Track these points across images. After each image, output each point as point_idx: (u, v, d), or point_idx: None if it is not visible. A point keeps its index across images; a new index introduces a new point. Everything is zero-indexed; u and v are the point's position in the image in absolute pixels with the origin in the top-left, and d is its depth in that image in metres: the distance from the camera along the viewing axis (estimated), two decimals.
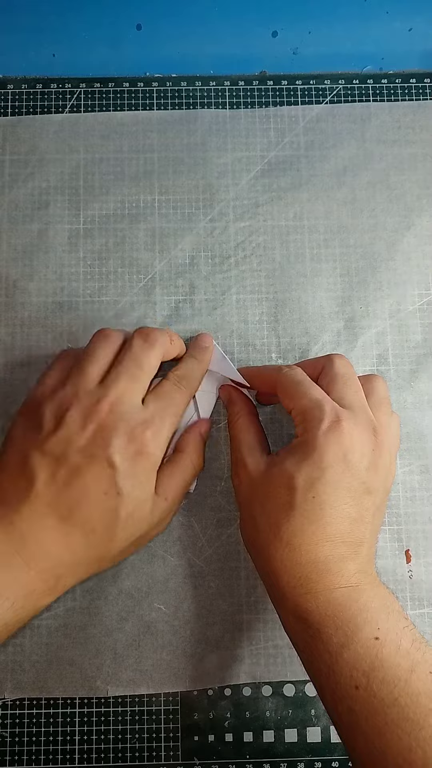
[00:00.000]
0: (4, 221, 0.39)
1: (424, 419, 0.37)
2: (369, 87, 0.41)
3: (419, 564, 0.36)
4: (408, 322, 0.38)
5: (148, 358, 0.32)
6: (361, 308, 0.39)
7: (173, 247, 0.39)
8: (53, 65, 0.41)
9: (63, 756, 0.34)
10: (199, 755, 0.34)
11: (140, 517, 0.31)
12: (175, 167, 0.40)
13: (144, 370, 0.32)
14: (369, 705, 0.26)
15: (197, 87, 0.41)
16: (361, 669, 0.26)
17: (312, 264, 0.39)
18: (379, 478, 0.30)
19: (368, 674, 0.26)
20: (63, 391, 0.31)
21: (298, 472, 0.29)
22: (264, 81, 0.41)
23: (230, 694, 0.35)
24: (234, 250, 0.39)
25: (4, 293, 0.38)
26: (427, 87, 0.41)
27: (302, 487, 0.29)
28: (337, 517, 0.29)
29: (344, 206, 0.40)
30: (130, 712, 0.35)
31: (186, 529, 0.36)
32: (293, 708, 0.35)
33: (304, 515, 0.28)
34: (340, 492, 0.29)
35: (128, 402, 0.31)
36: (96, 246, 0.39)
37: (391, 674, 0.26)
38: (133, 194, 0.40)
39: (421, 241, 0.39)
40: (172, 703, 0.35)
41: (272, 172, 0.40)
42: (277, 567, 0.29)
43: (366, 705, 0.26)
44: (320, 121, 0.41)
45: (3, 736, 0.34)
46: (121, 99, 0.41)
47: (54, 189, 0.40)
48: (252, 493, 0.31)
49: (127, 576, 0.35)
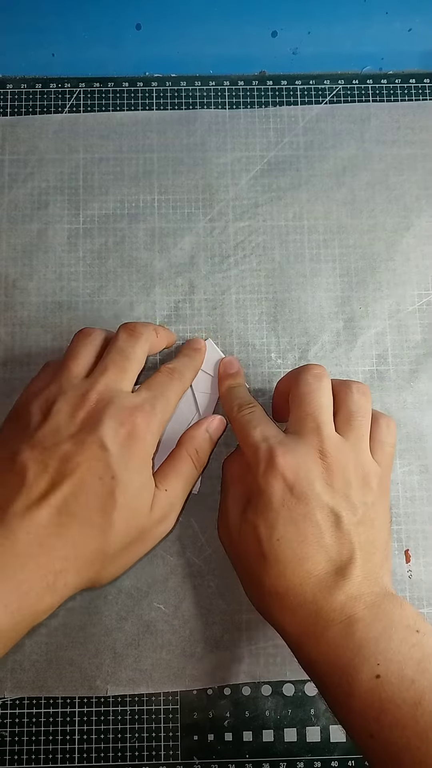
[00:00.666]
0: (4, 221, 0.39)
1: (423, 419, 0.37)
2: (369, 87, 0.41)
3: (419, 564, 0.36)
4: (407, 322, 0.39)
5: (134, 349, 0.32)
6: (360, 308, 0.39)
7: (173, 246, 0.39)
8: (53, 65, 0.41)
9: (63, 755, 0.34)
10: (199, 755, 0.34)
11: (138, 507, 0.29)
12: (175, 167, 0.40)
13: (131, 360, 0.31)
14: (385, 753, 0.25)
15: (197, 87, 0.41)
16: (370, 716, 0.25)
17: (311, 264, 0.39)
18: (341, 494, 0.29)
19: (378, 720, 0.25)
20: (48, 390, 0.31)
21: (258, 520, 0.29)
22: (264, 81, 0.41)
23: (230, 693, 0.35)
24: (233, 250, 0.39)
25: (4, 293, 0.38)
26: (427, 87, 0.41)
27: (265, 535, 0.28)
28: (310, 551, 0.28)
29: (344, 206, 0.40)
30: (129, 712, 0.35)
31: (186, 528, 0.36)
32: (293, 707, 0.35)
33: (277, 560, 0.28)
34: (303, 525, 0.28)
35: (117, 390, 0.30)
36: (95, 246, 0.39)
37: (399, 715, 0.24)
38: (132, 194, 0.40)
39: (421, 241, 0.39)
40: (172, 702, 0.35)
41: (272, 172, 0.40)
42: (276, 617, 0.29)
43: (383, 754, 0.25)
44: (320, 121, 0.41)
45: (3, 736, 0.34)
46: (120, 99, 0.41)
47: (53, 189, 0.40)
48: (234, 551, 0.32)
49: (126, 575, 0.35)
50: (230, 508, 0.32)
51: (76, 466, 0.28)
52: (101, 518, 0.28)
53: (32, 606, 0.26)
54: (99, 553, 0.28)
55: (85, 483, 0.28)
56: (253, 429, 0.31)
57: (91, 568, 0.28)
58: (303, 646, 0.28)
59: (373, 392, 0.38)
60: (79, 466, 0.28)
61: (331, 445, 0.30)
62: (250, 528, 0.29)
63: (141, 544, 0.30)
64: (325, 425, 0.30)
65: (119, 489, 0.28)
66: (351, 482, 0.30)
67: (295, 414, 0.31)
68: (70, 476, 0.28)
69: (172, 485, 0.31)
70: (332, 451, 0.30)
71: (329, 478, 0.29)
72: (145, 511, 0.30)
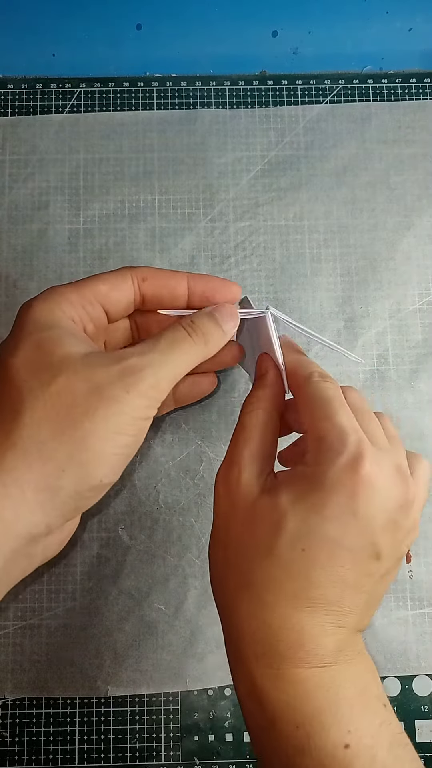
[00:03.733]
0: (4, 221, 0.39)
1: (424, 419, 0.37)
2: (369, 87, 0.41)
3: (419, 564, 0.36)
4: (408, 322, 0.38)
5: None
6: (361, 308, 0.39)
7: (173, 246, 0.39)
8: (53, 65, 0.41)
9: (63, 756, 0.34)
10: (199, 755, 0.34)
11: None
12: (175, 167, 0.40)
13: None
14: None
15: (197, 87, 0.41)
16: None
17: (312, 264, 0.39)
18: (396, 541, 0.24)
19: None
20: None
21: (291, 512, 0.23)
22: (264, 81, 0.41)
23: (230, 694, 0.35)
24: (234, 250, 0.39)
25: (4, 293, 0.38)
26: (427, 87, 0.41)
27: (292, 534, 0.23)
28: (327, 581, 0.23)
29: (344, 206, 0.40)
30: (130, 712, 0.35)
31: (186, 529, 0.36)
32: None
33: (286, 568, 0.23)
34: (339, 551, 0.23)
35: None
36: (96, 246, 0.39)
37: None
38: (133, 194, 0.40)
39: (421, 240, 0.39)
40: (172, 703, 0.35)
41: (272, 172, 0.40)
42: (239, 622, 0.24)
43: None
44: (320, 121, 0.41)
45: (3, 736, 0.34)
46: (121, 99, 0.41)
47: (54, 189, 0.40)
48: (232, 515, 0.25)
49: (127, 576, 0.35)
50: (245, 465, 0.26)
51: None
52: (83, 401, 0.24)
53: (27, 521, 0.23)
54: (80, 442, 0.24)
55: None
56: (341, 407, 0.25)
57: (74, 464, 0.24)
58: (256, 668, 0.23)
59: (373, 392, 0.38)
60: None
61: (415, 473, 0.25)
62: (274, 511, 0.24)
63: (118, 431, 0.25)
64: (401, 445, 0.26)
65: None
66: (409, 530, 0.25)
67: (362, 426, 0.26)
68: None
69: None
70: (415, 482, 0.25)
71: (399, 516, 0.24)
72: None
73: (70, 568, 0.36)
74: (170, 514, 0.36)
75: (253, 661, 0.23)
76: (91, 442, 0.23)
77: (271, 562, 0.23)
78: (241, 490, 0.25)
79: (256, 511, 0.24)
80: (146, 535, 0.36)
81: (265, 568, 0.23)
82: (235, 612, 0.24)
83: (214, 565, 0.26)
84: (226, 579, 0.25)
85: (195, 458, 0.37)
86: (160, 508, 0.36)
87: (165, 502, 0.36)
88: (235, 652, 0.24)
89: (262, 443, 0.27)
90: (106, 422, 0.23)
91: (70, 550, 0.36)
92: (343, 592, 0.23)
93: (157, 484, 0.36)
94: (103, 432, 0.23)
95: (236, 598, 0.24)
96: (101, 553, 0.36)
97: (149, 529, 0.36)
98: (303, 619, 0.23)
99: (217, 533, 0.26)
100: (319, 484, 0.23)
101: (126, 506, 0.36)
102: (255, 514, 0.24)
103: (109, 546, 0.36)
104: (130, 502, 0.36)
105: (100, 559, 0.36)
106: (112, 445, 0.24)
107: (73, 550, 0.36)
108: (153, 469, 0.36)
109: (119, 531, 0.36)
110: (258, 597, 0.23)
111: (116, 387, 0.24)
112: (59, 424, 0.23)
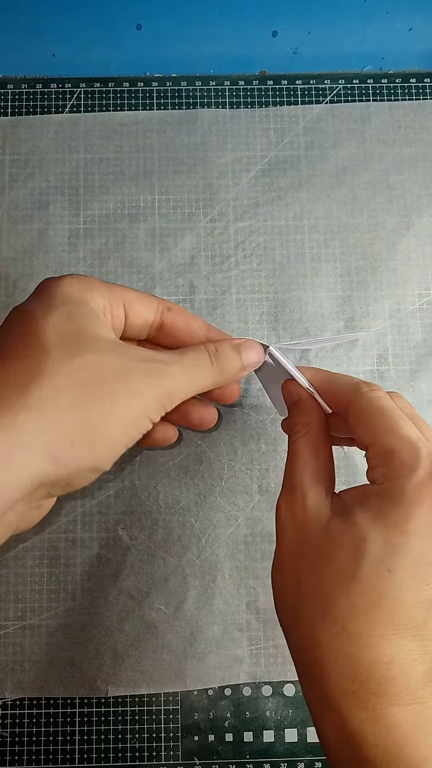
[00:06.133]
0: (4, 221, 0.39)
1: (424, 419, 0.37)
2: (369, 87, 0.41)
3: None
4: (408, 322, 0.38)
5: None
6: (361, 308, 0.39)
7: (173, 246, 0.39)
8: (53, 65, 0.41)
9: (63, 756, 0.34)
10: (199, 755, 0.34)
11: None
12: (175, 167, 0.40)
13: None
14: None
15: (197, 87, 0.41)
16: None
17: (312, 264, 0.39)
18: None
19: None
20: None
21: (371, 532, 0.22)
22: (264, 81, 0.41)
23: (230, 694, 0.35)
24: (234, 250, 0.39)
25: (4, 293, 0.38)
26: (427, 87, 0.41)
27: (375, 555, 0.22)
28: (412, 602, 0.21)
29: (344, 206, 0.40)
30: (130, 712, 0.35)
31: (186, 529, 0.36)
32: (293, 708, 0.35)
33: (371, 593, 0.21)
34: (425, 568, 0.22)
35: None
36: (96, 246, 0.39)
37: None
38: (133, 194, 0.40)
39: (421, 240, 0.39)
40: (172, 703, 0.35)
41: (272, 172, 0.40)
42: (323, 657, 0.22)
43: None
44: (320, 121, 0.41)
45: (3, 736, 0.34)
46: (121, 99, 0.41)
47: (54, 189, 0.40)
48: (302, 542, 0.24)
49: (127, 576, 0.35)
50: (308, 489, 0.25)
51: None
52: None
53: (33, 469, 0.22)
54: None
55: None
56: (401, 419, 0.24)
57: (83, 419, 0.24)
58: (347, 708, 0.21)
59: None
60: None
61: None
62: (352, 535, 0.23)
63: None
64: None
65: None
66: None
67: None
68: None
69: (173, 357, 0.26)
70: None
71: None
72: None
73: (70, 568, 0.36)
74: (170, 514, 0.36)
75: (343, 702, 0.21)
76: (106, 425, 0.23)
77: (355, 588, 0.22)
78: (310, 516, 0.24)
79: (332, 535, 0.23)
80: (146, 535, 0.36)
81: (348, 595, 0.22)
82: (315, 647, 0.22)
83: (282, 597, 0.25)
84: (300, 611, 0.23)
85: (195, 458, 0.37)
86: (160, 508, 0.36)
87: (165, 502, 0.36)
88: (319, 691, 0.22)
89: (320, 465, 0.26)
90: (125, 410, 0.23)
91: (70, 550, 0.36)
92: (427, 614, 0.22)
93: (157, 484, 0.36)
94: (120, 419, 0.23)
95: (316, 631, 0.22)
96: (101, 553, 0.36)
97: (149, 529, 0.36)
98: (391, 649, 0.21)
99: (284, 563, 0.25)
100: (398, 500, 0.22)
101: (126, 506, 0.36)
102: (330, 538, 0.23)
103: (109, 546, 0.36)
104: (130, 502, 0.36)
105: (100, 559, 0.36)
106: (122, 433, 0.24)
107: (73, 550, 0.36)
108: (153, 469, 0.36)
109: (119, 531, 0.36)
110: (342, 628, 0.22)
111: (140, 382, 0.24)
112: (79, 397, 0.22)
